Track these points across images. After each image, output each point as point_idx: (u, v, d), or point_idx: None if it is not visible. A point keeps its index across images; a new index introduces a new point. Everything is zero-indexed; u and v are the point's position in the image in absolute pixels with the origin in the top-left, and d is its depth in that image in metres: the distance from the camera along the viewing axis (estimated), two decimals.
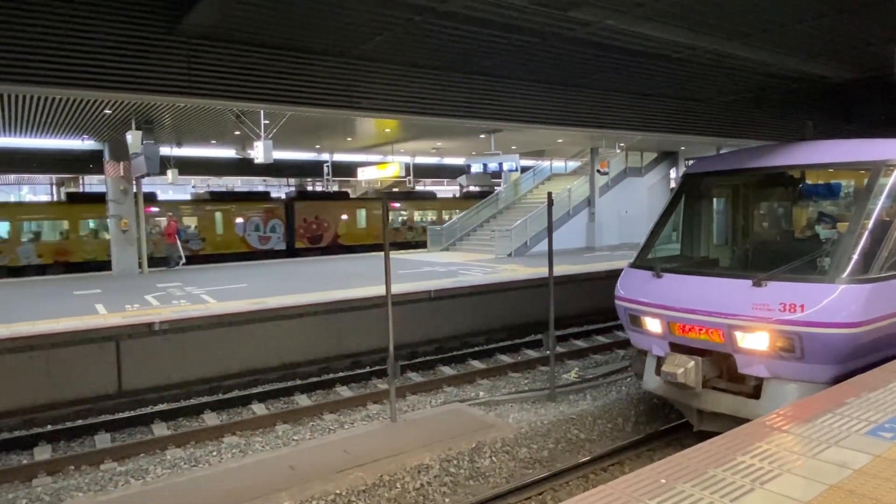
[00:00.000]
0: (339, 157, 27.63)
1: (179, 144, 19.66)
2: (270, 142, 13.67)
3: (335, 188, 34.13)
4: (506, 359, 11.44)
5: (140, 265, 17.45)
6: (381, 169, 21.83)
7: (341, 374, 10.60)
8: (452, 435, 6.87)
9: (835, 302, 5.45)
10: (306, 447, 6.96)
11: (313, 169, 29.05)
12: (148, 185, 19.92)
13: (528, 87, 11.23)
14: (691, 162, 7.90)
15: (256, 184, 48.17)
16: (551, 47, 8.89)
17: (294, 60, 8.27)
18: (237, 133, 17.05)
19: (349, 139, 21.55)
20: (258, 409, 9.23)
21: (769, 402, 5.77)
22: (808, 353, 5.49)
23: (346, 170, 27.58)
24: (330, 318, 11.30)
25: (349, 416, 8.67)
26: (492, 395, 9.01)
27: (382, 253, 7.52)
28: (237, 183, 42.18)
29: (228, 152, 22.74)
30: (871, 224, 5.76)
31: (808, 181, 7.29)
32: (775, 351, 5.68)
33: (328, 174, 26.88)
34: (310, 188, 37.20)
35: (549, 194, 8.69)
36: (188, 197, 30.25)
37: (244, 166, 24.92)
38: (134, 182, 16.97)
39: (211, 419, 8.82)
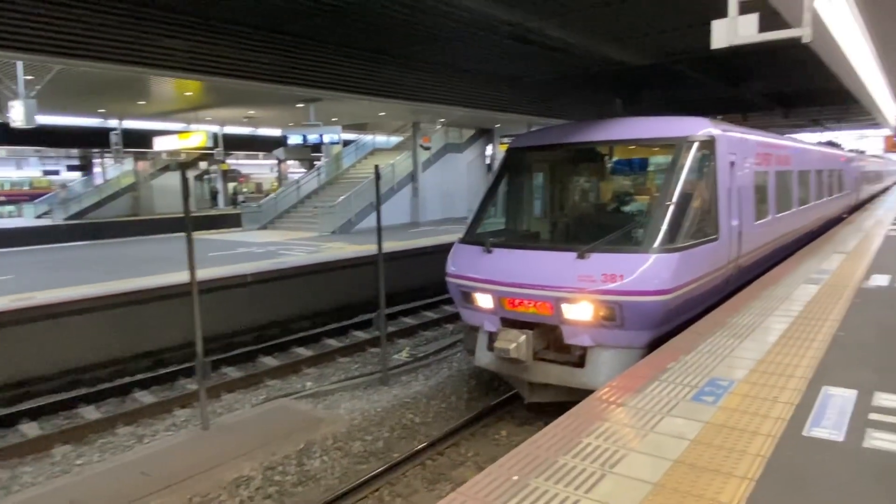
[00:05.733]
0: (132, 123, 24.06)
1: None
2: (34, 102, 11.20)
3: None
4: (334, 343, 10.81)
5: None
6: (183, 139, 19.42)
7: (140, 376, 9.11)
8: (277, 437, 6.15)
9: (648, 271, 5.74)
10: (93, 473, 5.76)
11: (99, 137, 24.95)
12: None
13: (350, 54, 10.54)
14: (507, 138, 7.94)
15: (28, 156, 40.94)
16: (366, 12, 8.33)
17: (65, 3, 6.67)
18: None
19: (142, 102, 18.77)
20: (28, 429, 7.52)
21: (593, 369, 5.97)
22: (628, 320, 5.74)
23: (141, 139, 24.13)
24: (124, 311, 9.66)
25: (150, 428, 7.41)
26: (320, 385, 8.38)
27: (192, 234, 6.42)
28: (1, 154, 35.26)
29: None
30: (676, 196, 6.16)
31: (623, 156, 7.71)
32: (598, 320, 5.86)
33: (117, 144, 23.15)
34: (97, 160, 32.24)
35: (377, 167, 8.19)
36: None
37: (11, 134, 20.50)
38: None
39: None
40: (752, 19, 4.13)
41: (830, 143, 17.01)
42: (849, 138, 34.26)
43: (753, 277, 7.81)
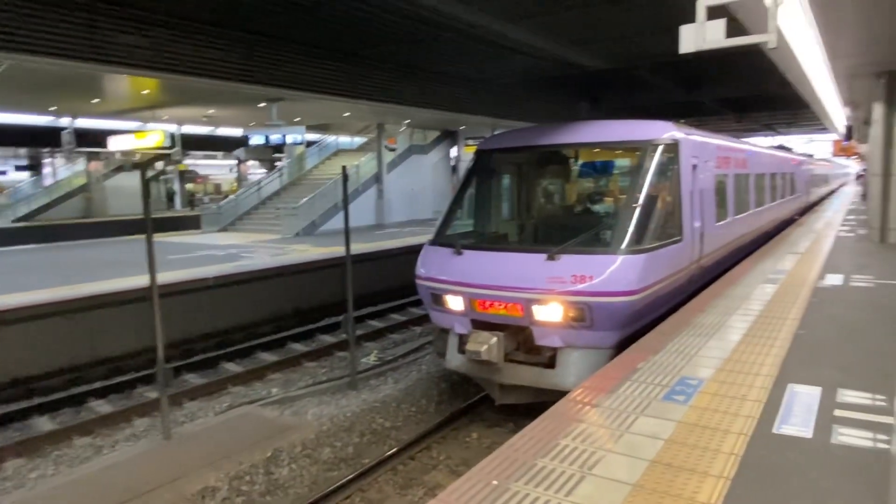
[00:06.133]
0: (85, 122, 23.14)
1: None
2: None
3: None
4: (299, 347, 10.61)
5: None
6: (139, 138, 18.80)
7: (96, 384, 8.75)
8: (242, 446, 5.99)
9: (617, 272, 5.81)
10: (49, 487, 5.49)
11: (50, 136, 23.89)
12: None
13: (314, 53, 10.42)
14: (473, 140, 7.96)
15: None
16: (330, 12, 8.24)
17: None
18: None
19: (96, 101, 18.09)
20: None
21: (564, 370, 6.01)
22: (597, 321, 5.80)
23: (95, 138, 23.21)
24: (79, 317, 9.26)
25: (108, 438, 7.11)
26: (286, 391, 8.19)
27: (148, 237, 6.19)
28: None
29: None
30: (642, 198, 6.25)
31: (591, 158, 7.79)
32: (568, 321, 5.90)
33: (70, 143, 22.18)
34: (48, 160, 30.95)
35: (344, 168, 8.10)
36: None
37: None
38: None
39: None
40: (720, 25, 4.23)
41: (782, 147, 17.62)
42: (798, 142, 35.69)
43: (714, 277, 8.02)
